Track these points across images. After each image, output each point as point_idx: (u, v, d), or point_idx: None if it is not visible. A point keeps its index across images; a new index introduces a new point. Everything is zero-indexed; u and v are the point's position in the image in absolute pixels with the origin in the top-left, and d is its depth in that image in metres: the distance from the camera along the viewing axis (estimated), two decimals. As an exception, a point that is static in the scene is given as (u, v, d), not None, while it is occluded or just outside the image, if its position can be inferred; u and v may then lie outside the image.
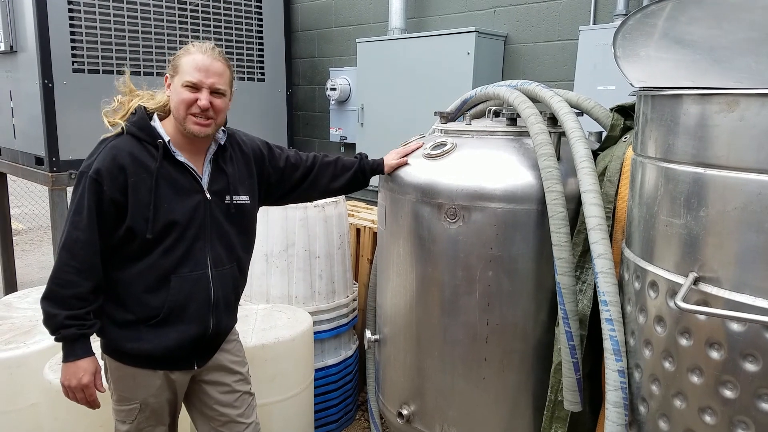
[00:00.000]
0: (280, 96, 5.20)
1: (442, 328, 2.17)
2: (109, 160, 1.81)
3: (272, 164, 2.20)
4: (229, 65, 1.93)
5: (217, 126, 1.93)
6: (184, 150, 1.93)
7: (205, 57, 1.86)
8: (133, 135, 1.87)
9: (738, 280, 1.37)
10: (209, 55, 1.87)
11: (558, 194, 1.90)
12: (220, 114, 1.91)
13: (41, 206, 8.77)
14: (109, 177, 1.80)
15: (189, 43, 1.91)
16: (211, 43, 1.92)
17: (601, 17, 3.56)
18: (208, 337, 2.00)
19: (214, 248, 1.97)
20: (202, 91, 1.85)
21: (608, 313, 1.73)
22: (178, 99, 1.85)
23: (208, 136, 1.93)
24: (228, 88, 1.92)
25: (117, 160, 1.82)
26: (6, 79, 4.45)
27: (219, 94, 1.88)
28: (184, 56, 1.87)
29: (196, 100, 1.84)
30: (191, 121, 1.86)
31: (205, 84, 1.85)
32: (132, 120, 1.89)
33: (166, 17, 4.36)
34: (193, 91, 1.85)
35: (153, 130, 1.89)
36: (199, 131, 1.87)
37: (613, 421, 1.70)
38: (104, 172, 1.80)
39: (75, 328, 1.82)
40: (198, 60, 1.85)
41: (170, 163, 1.89)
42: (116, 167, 1.81)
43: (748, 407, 1.36)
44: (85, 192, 1.81)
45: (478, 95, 2.53)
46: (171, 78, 1.89)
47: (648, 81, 1.63)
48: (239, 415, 2.13)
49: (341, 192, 2.45)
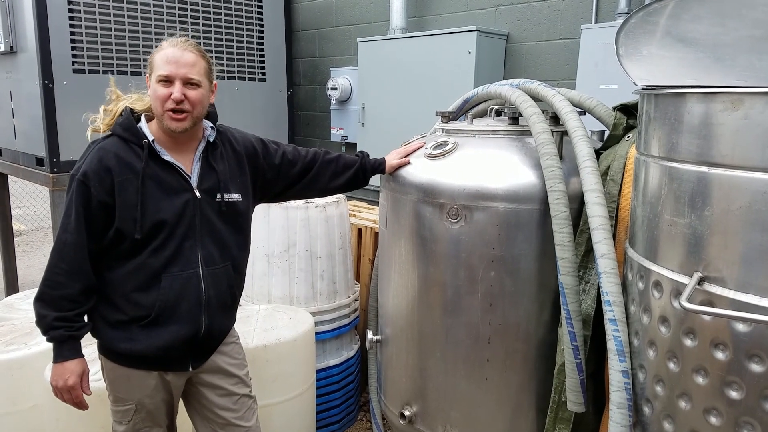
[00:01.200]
0: (280, 96, 5.19)
1: (444, 329, 2.16)
2: (95, 162, 1.82)
3: (267, 161, 2.18)
4: (203, 55, 1.90)
5: (194, 119, 1.89)
6: (171, 149, 1.92)
7: (175, 50, 1.84)
8: (119, 136, 1.87)
9: (743, 280, 1.35)
10: (180, 47, 1.85)
11: (561, 194, 1.89)
12: (196, 106, 1.87)
13: (42, 207, 8.78)
14: (96, 179, 1.81)
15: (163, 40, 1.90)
16: (185, 37, 1.90)
17: (603, 16, 3.55)
18: (200, 338, 1.98)
19: (205, 247, 1.95)
20: (175, 83, 1.83)
21: (612, 314, 1.72)
22: (154, 96, 1.85)
23: (186, 130, 1.89)
24: (203, 78, 1.88)
25: (103, 161, 1.82)
26: (6, 79, 4.45)
27: (193, 85, 1.86)
28: (156, 53, 1.86)
29: (170, 94, 1.83)
30: (168, 116, 1.85)
31: (176, 76, 1.83)
32: (118, 121, 1.89)
33: (166, 17, 4.35)
34: (167, 85, 1.83)
35: (138, 130, 1.88)
36: (176, 126, 1.86)
37: (617, 422, 1.69)
38: (91, 174, 1.81)
39: (63, 329, 1.83)
40: (168, 53, 1.83)
41: (157, 163, 1.88)
42: (102, 169, 1.81)
43: (753, 408, 1.35)
44: (74, 195, 1.82)
45: (480, 94, 2.52)
46: (149, 77, 1.89)
47: (651, 79, 1.62)
48: (238, 418, 2.11)
49: (341, 191, 2.44)
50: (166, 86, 1.83)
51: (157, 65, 1.84)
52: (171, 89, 1.83)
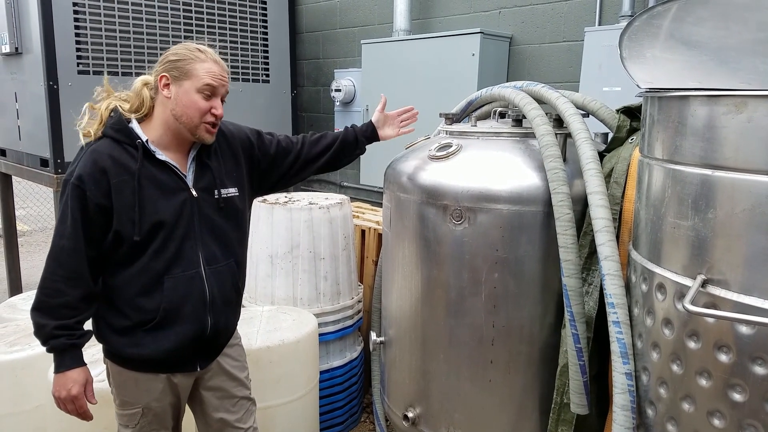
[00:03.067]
0: (284, 97, 5.20)
1: (447, 330, 2.16)
2: (89, 164, 1.79)
3: (261, 151, 2.18)
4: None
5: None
6: (165, 149, 1.91)
7: (218, 66, 1.89)
8: (112, 137, 1.85)
9: (747, 283, 1.35)
10: (220, 63, 1.91)
11: (564, 196, 1.89)
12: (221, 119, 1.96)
13: (46, 208, 8.79)
14: (92, 181, 1.78)
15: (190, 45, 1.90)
16: (214, 49, 1.94)
17: (607, 18, 3.55)
18: (207, 337, 1.98)
19: (206, 246, 1.95)
20: (217, 98, 1.89)
21: (615, 316, 1.72)
22: (193, 106, 1.85)
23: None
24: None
25: (98, 163, 1.80)
26: (11, 80, 4.47)
27: (223, 100, 1.93)
28: (196, 62, 1.85)
29: (210, 108, 1.87)
30: (204, 128, 1.88)
31: (220, 92, 1.89)
32: (109, 123, 1.87)
33: (171, 18, 4.37)
34: (208, 98, 1.86)
35: (130, 131, 1.87)
36: (210, 139, 1.93)
37: (621, 424, 1.69)
38: (86, 177, 1.78)
39: (64, 338, 1.81)
40: (213, 68, 1.87)
41: (152, 163, 1.87)
42: (98, 171, 1.79)
43: (757, 411, 1.35)
44: (68, 199, 1.79)
45: (483, 96, 2.52)
46: (175, 81, 1.85)
47: (654, 82, 1.63)
48: (236, 420, 2.12)
49: (334, 163, 2.38)
50: (208, 99, 1.86)
51: (199, 76, 1.84)
52: (212, 103, 1.87)
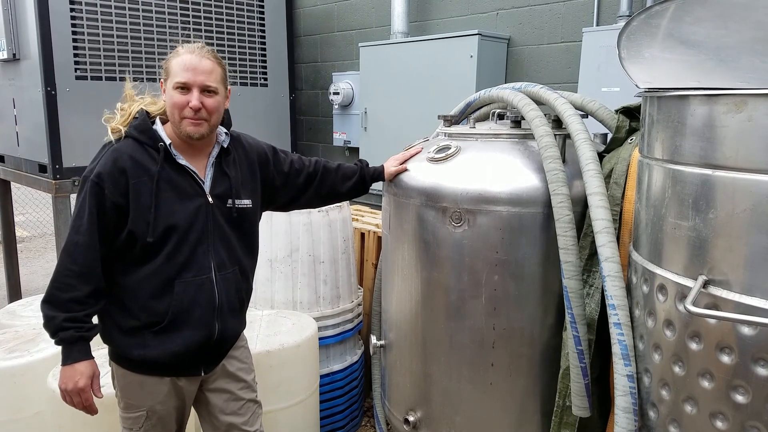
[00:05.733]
0: (283, 101, 5.20)
1: (448, 333, 2.15)
2: (110, 163, 1.81)
3: (277, 168, 2.20)
4: (220, 62, 1.91)
5: (211, 126, 1.91)
6: (185, 153, 1.92)
7: (192, 56, 1.84)
8: (135, 138, 1.87)
9: (748, 283, 1.35)
10: (197, 54, 1.85)
11: (564, 197, 1.88)
12: (213, 114, 1.89)
13: (45, 213, 8.78)
14: (111, 180, 1.80)
15: (179, 46, 1.90)
16: (201, 43, 1.91)
17: (605, 19, 3.55)
18: (213, 343, 1.98)
19: (217, 252, 1.96)
20: (193, 91, 1.84)
21: (616, 317, 1.71)
22: (171, 102, 1.85)
23: (203, 137, 1.90)
24: (219, 85, 1.90)
25: (118, 163, 1.82)
26: (9, 86, 4.46)
27: (210, 92, 1.87)
28: (173, 58, 1.86)
29: (188, 102, 1.83)
30: (186, 123, 1.85)
31: (194, 83, 1.83)
32: (133, 124, 1.89)
33: (168, 23, 4.37)
34: (184, 92, 1.84)
35: (154, 133, 1.88)
36: (194, 131, 1.86)
37: (623, 426, 1.68)
38: (105, 176, 1.80)
39: (73, 330, 1.81)
40: (186, 60, 1.84)
41: (172, 167, 1.89)
42: (117, 170, 1.81)
43: (760, 412, 1.34)
44: (86, 196, 1.81)
45: (482, 98, 2.52)
46: (165, 82, 1.89)
47: (653, 82, 1.62)
48: (243, 423, 2.11)
49: (342, 199, 2.48)
50: (184, 93, 1.84)
51: (174, 71, 1.84)
52: (188, 97, 1.84)
